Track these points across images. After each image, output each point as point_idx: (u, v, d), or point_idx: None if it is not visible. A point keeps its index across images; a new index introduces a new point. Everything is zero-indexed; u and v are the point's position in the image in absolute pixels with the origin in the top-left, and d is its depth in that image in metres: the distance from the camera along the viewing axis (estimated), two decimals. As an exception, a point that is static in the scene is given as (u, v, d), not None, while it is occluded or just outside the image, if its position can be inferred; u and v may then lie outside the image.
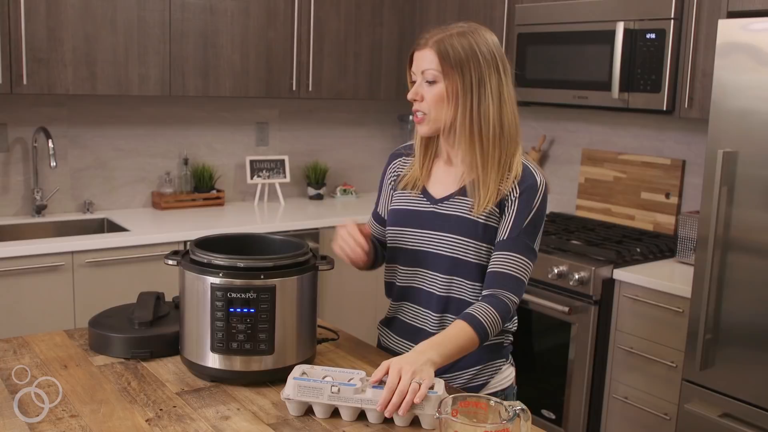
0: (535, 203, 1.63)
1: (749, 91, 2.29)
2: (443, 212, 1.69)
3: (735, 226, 2.35)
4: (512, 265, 1.62)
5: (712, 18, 2.72)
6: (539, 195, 1.64)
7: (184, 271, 1.60)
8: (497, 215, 1.64)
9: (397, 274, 1.76)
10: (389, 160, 1.85)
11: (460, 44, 1.60)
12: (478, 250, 1.65)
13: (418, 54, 1.64)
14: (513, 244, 1.62)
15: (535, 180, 1.64)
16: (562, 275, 2.91)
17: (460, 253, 1.65)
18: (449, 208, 1.68)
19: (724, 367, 2.41)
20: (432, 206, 1.70)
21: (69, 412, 1.42)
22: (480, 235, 1.64)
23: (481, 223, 1.64)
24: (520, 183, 1.64)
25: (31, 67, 2.99)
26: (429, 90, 1.62)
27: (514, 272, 1.62)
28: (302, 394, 1.42)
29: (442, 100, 1.61)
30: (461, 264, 1.66)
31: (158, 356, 1.70)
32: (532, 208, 1.63)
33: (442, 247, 1.67)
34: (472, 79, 1.59)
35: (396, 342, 1.81)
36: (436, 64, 1.60)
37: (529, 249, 1.63)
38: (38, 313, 2.87)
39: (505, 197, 1.64)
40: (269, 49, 3.58)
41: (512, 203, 1.63)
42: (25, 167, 3.38)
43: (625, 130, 3.49)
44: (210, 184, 3.81)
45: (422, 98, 1.63)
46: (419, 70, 1.63)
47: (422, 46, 1.63)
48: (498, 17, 3.51)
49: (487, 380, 1.73)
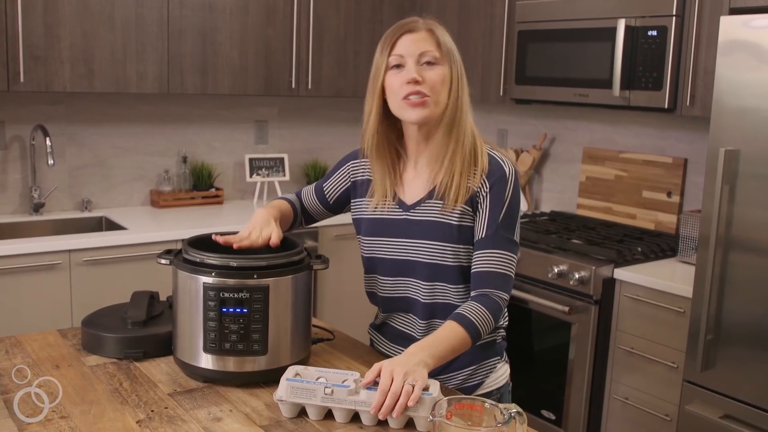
0: (507, 194, 1.61)
1: (751, 89, 2.27)
2: (416, 218, 1.65)
3: (737, 225, 2.33)
4: (496, 262, 1.59)
5: (714, 15, 2.69)
6: (510, 185, 1.61)
7: (176, 270, 1.58)
8: (470, 214, 1.62)
9: (379, 284, 1.73)
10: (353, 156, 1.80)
11: (445, 34, 1.62)
12: (456, 253, 1.62)
13: (412, 36, 1.59)
14: (493, 241, 1.59)
15: (503, 170, 1.62)
16: (562, 275, 2.88)
17: (439, 258, 1.62)
18: (421, 213, 1.65)
19: (726, 367, 2.38)
20: (404, 213, 1.67)
21: (59, 413, 1.40)
22: (455, 237, 1.62)
23: (455, 225, 1.61)
24: (489, 176, 1.61)
25: (28, 65, 2.97)
26: (430, 72, 1.58)
27: (499, 269, 1.59)
28: (295, 396, 1.40)
29: (445, 83, 1.59)
30: (441, 269, 1.63)
31: (151, 356, 1.68)
32: (504, 201, 1.60)
33: (420, 254, 1.64)
34: (458, 68, 1.61)
35: (387, 346, 1.79)
36: (435, 46, 1.59)
37: (509, 242, 1.61)
38: (35, 311, 2.86)
39: (475, 194, 1.61)
40: (268, 47, 3.56)
41: (484, 199, 1.61)
42: (23, 165, 3.36)
43: (626, 128, 3.46)
44: (209, 183, 3.80)
45: (423, 80, 1.58)
46: (415, 53, 1.58)
47: (416, 29, 1.60)
48: (498, 14, 3.48)
49: (482, 380, 1.71)
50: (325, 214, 1.86)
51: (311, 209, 1.85)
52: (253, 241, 1.60)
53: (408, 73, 1.57)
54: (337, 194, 1.81)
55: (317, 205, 1.84)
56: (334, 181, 1.82)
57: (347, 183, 1.79)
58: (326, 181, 1.84)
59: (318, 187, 1.85)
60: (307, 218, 1.87)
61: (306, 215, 1.87)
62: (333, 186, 1.82)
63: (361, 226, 1.74)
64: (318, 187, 1.85)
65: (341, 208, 1.84)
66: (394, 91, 1.60)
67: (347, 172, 1.80)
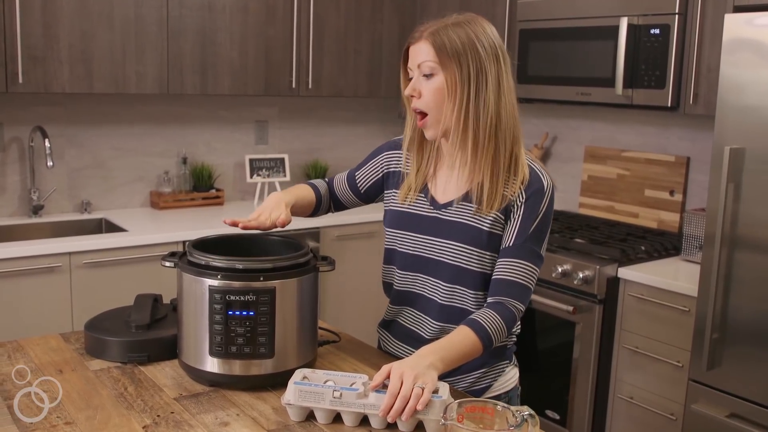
0: (541, 208, 1.58)
1: (756, 87, 2.26)
2: (447, 218, 1.63)
3: (742, 224, 2.32)
4: (518, 272, 1.57)
5: (717, 13, 2.68)
6: (546, 199, 1.58)
7: (181, 273, 1.56)
8: (502, 222, 1.59)
9: (396, 277, 1.72)
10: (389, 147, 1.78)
11: (456, 35, 1.53)
12: (481, 259, 1.60)
13: (414, 48, 1.58)
14: (519, 251, 1.57)
15: (542, 184, 1.59)
16: (566, 274, 2.87)
17: (464, 261, 1.60)
18: (453, 214, 1.63)
19: (732, 366, 2.37)
20: (435, 211, 1.65)
21: (64, 419, 1.38)
22: (484, 243, 1.59)
23: (485, 231, 1.59)
24: (527, 188, 1.58)
25: (26, 66, 2.95)
26: (427, 84, 1.56)
27: (520, 280, 1.57)
28: (303, 399, 1.38)
29: (441, 94, 1.55)
30: (464, 273, 1.61)
31: (156, 360, 1.66)
32: (538, 213, 1.58)
33: (444, 254, 1.62)
34: (470, 70, 1.53)
35: (396, 346, 1.77)
36: (432, 55, 1.54)
37: (535, 255, 1.58)
38: (35, 315, 2.84)
39: (511, 203, 1.58)
40: (268, 47, 3.54)
41: (518, 209, 1.58)
42: (22, 167, 3.34)
43: (628, 126, 3.45)
44: (209, 184, 3.78)
45: (420, 94, 1.57)
46: (415, 64, 1.57)
47: (417, 39, 1.57)
48: (500, 13, 3.47)
49: (491, 383, 1.69)
50: (357, 203, 1.85)
51: (342, 197, 1.84)
52: (260, 223, 1.58)
53: (407, 88, 1.60)
54: (368, 183, 1.79)
55: (348, 192, 1.83)
56: (367, 170, 1.80)
57: (380, 173, 1.77)
58: (359, 170, 1.82)
59: (350, 175, 1.83)
60: (337, 205, 1.85)
61: (336, 202, 1.85)
62: (365, 175, 1.80)
63: (387, 216, 1.73)
64: (350, 175, 1.83)
65: (373, 198, 1.83)
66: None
67: (381, 162, 1.78)
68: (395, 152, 1.76)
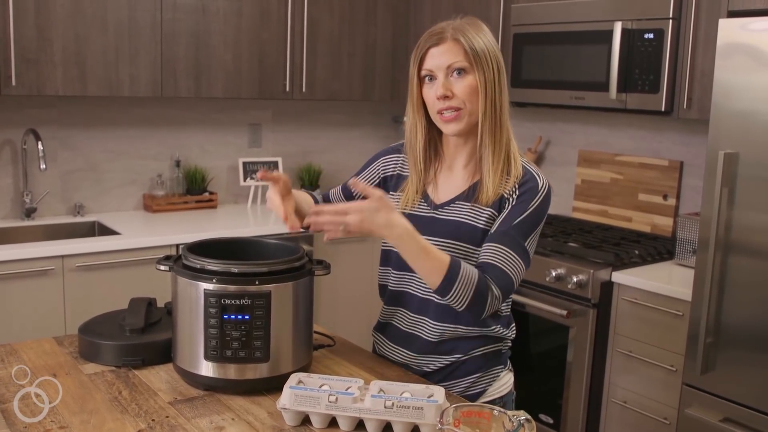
0: (533, 203, 1.58)
1: (750, 92, 2.26)
2: (443, 217, 1.64)
3: (736, 228, 2.33)
4: (498, 256, 1.55)
5: (711, 17, 2.69)
6: (539, 197, 1.59)
7: (176, 276, 1.55)
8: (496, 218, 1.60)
9: (391, 277, 1.72)
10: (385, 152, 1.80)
11: (478, 36, 1.57)
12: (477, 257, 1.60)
13: (438, 49, 1.57)
14: (501, 237, 1.56)
15: (536, 182, 1.60)
16: (560, 278, 2.87)
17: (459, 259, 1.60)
18: (449, 213, 1.64)
19: (726, 371, 2.38)
20: (432, 211, 1.66)
21: (58, 423, 1.37)
22: (479, 241, 1.60)
23: (480, 229, 1.60)
24: (521, 185, 1.60)
25: (19, 68, 2.94)
26: (459, 83, 1.57)
27: (499, 263, 1.54)
28: (299, 404, 1.38)
29: (475, 92, 1.57)
30: None
31: (150, 364, 1.65)
32: (528, 207, 1.58)
33: None
34: (493, 72, 1.57)
35: (390, 348, 1.76)
36: (462, 55, 1.56)
37: (518, 245, 1.56)
38: (27, 319, 2.82)
39: (504, 199, 1.60)
40: (262, 50, 3.54)
41: (509, 203, 1.59)
42: (14, 170, 3.32)
43: (622, 131, 3.46)
44: (202, 187, 3.77)
45: (452, 94, 1.57)
46: (443, 65, 1.57)
47: (442, 40, 1.57)
48: (493, 17, 3.48)
49: (486, 388, 1.69)
50: None
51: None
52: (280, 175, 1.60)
53: (438, 89, 1.57)
54: None
55: (343, 200, 1.82)
56: (363, 177, 1.80)
57: (376, 179, 1.78)
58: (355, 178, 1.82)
59: (344, 186, 1.84)
60: None
61: None
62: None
63: None
64: (344, 186, 1.84)
65: None
66: (430, 105, 1.61)
67: (377, 167, 1.79)
68: (391, 156, 1.77)
